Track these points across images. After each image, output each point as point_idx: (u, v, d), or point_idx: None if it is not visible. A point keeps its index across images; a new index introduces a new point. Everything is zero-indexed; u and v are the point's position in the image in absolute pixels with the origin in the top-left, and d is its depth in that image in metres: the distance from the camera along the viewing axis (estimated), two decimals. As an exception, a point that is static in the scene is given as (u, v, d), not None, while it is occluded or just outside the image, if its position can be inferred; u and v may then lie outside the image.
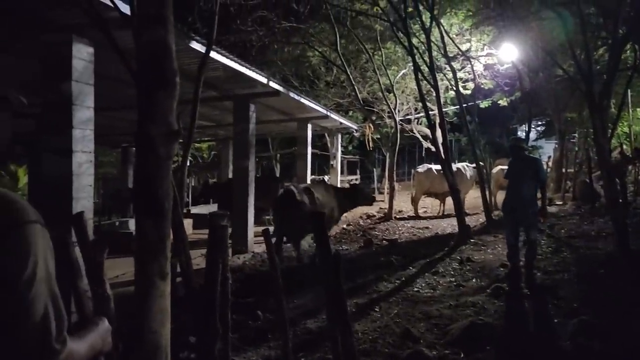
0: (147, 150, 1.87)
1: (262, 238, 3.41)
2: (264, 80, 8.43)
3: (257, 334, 4.93)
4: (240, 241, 9.12)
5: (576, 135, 19.14)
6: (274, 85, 8.88)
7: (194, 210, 14.50)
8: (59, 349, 1.01)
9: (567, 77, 11.02)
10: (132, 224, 10.64)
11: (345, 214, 13.39)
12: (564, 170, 16.31)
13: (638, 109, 15.71)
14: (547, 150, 26.36)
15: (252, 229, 9.34)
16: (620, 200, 7.76)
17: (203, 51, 5.24)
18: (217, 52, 6.82)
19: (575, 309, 5.10)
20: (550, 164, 19.05)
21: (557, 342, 4.34)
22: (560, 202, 14.05)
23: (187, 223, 10.77)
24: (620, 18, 7.54)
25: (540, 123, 24.55)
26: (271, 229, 6.08)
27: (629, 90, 11.35)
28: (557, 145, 19.17)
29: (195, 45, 6.14)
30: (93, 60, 5.28)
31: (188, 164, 6.04)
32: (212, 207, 14.76)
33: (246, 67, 7.75)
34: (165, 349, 1.93)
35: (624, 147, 15.08)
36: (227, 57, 7.15)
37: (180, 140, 2.25)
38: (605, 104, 7.75)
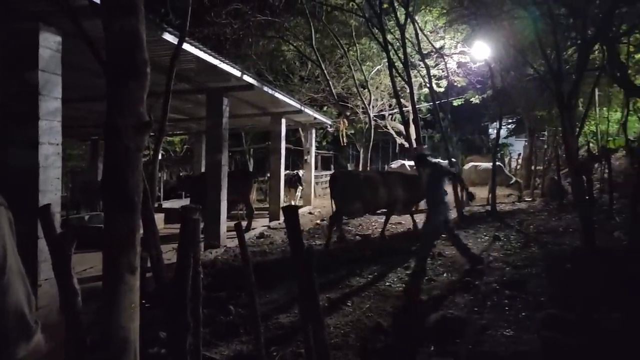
0: (116, 141, 1.83)
1: (235, 232, 3.39)
2: (237, 73, 8.34)
3: (228, 329, 4.90)
4: (213, 235, 9.04)
5: (545, 133, 19.56)
6: (247, 78, 8.80)
7: (166, 204, 14.32)
8: (35, 327, 1.05)
9: (537, 76, 11.24)
10: (101, 218, 10.43)
11: (319, 210, 13.46)
12: (533, 167, 16.67)
13: (604, 108, 16.13)
14: (517, 148, 26.86)
15: (224, 223, 9.26)
16: (587, 197, 7.96)
17: (175, 43, 5.15)
18: (190, 44, 6.71)
19: (542, 302, 5.22)
20: (520, 161, 19.42)
21: (525, 335, 4.43)
22: (530, 199, 14.37)
23: (159, 217, 10.64)
24: (588, 19, 7.72)
25: (510, 121, 24.99)
26: (244, 223, 6.04)
27: (596, 90, 11.64)
28: (526, 143, 19.57)
29: (167, 36, 6.03)
30: (61, 50, 5.14)
31: (160, 157, 5.95)
32: (185, 202, 14.59)
33: (220, 60, 7.65)
34: (134, 344, 1.90)
35: (591, 145, 15.48)
36: (201, 50, 7.04)
37: (152, 133, 2.21)
38: (574, 103, 7.94)
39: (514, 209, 12.49)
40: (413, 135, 10.79)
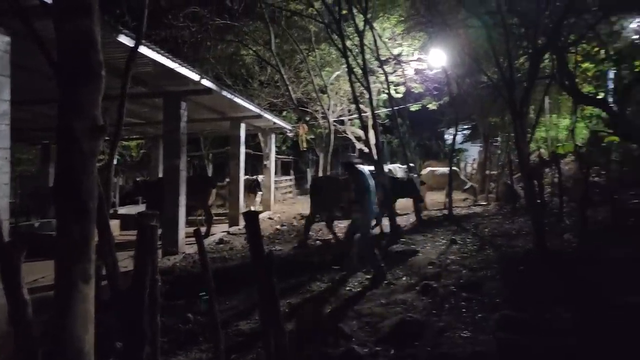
0: (69, 145, 1.77)
1: (193, 239, 3.33)
2: (195, 77, 8.24)
3: (187, 337, 4.81)
4: (171, 242, 8.88)
5: (499, 139, 20.14)
6: (206, 82, 8.70)
7: (122, 210, 13.95)
8: None
9: (491, 83, 11.57)
10: (53, 225, 10.07)
11: (278, 215, 13.42)
12: (487, 172, 17.12)
13: (554, 115, 16.75)
14: (472, 153, 27.54)
15: (183, 229, 9.11)
16: (538, 201, 8.24)
17: (132, 45, 5.03)
18: (147, 46, 6.60)
19: (497, 304, 5.36)
20: (475, 166, 19.90)
21: (481, 336, 4.53)
22: (485, 203, 14.75)
23: (114, 224, 10.35)
24: (539, 29, 8.01)
25: (466, 127, 25.62)
26: (202, 229, 5.96)
27: (546, 98, 12.09)
28: (481, 149, 20.10)
29: (123, 39, 5.90)
30: (9, 50, 4.94)
31: (115, 162, 5.79)
32: (141, 208, 14.26)
33: (177, 64, 7.54)
34: (88, 355, 1.83)
35: (542, 151, 16.05)
36: (158, 53, 6.93)
37: (107, 138, 2.16)
38: (525, 110, 8.21)
39: (469, 213, 12.80)
40: (372, 141, 10.90)
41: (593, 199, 9.89)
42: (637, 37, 10.91)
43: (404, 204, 14.60)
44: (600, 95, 14.31)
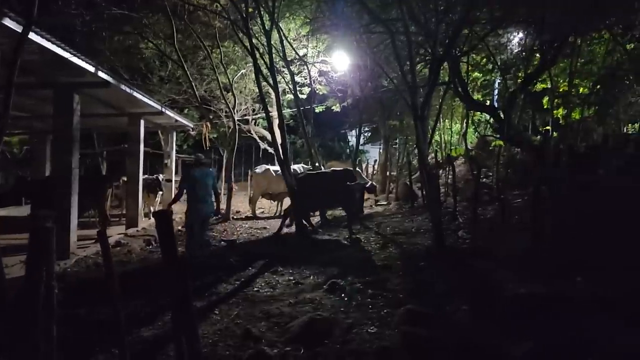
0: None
1: (87, 242, 3.07)
2: (91, 69, 7.69)
3: (83, 348, 4.46)
4: (61, 245, 8.19)
5: (397, 141, 21.05)
6: (103, 75, 8.15)
7: (1, 212, 12.69)
8: None
9: (391, 87, 12.05)
10: None
11: (180, 216, 12.96)
12: (388, 173, 17.81)
13: (447, 120, 17.85)
14: (374, 154, 28.53)
15: (75, 231, 8.47)
16: (435, 200, 8.71)
17: (19, 30, 4.58)
18: (37, 33, 6.04)
19: (401, 299, 5.56)
20: (376, 167, 20.63)
21: (387, 331, 4.68)
22: (385, 202, 15.32)
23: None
24: (438, 39, 8.46)
25: (367, 129, 26.48)
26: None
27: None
28: (382, 150, 20.87)
29: (9, 22, 5.35)
30: None
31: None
32: (24, 209, 13.08)
33: (71, 53, 6.98)
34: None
35: (437, 153, 17.01)
36: (48, 40, 6.37)
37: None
38: (426, 114, 8.63)
39: (371, 212, 13.22)
40: (279, 140, 10.87)
41: (483, 199, 10.65)
42: (520, 49, 11.93)
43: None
44: (488, 103, 15.49)
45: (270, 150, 16.88)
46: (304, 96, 16.60)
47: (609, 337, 3.90)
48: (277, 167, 13.17)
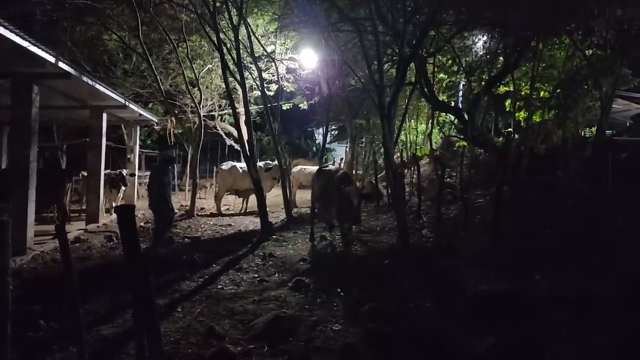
0: None
1: (44, 237, 2.97)
2: (51, 59, 7.43)
3: (39, 347, 4.31)
4: (17, 240, 7.89)
5: (364, 140, 21.18)
6: (64, 66, 7.89)
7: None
8: None
9: (359, 86, 12.10)
10: None
11: (142, 212, 12.71)
12: (354, 171, 17.91)
13: (412, 121, 18.07)
14: (340, 153, 28.64)
15: (32, 226, 8.18)
16: (400, 199, 8.82)
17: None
18: (-8, 20, 5.81)
19: (366, 296, 5.60)
20: (342, 165, 20.70)
21: (352, 328, 4.70)
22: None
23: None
24: (405, 40, 8.56)
25: (334, 127, 26.56)
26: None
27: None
28: (348, 149, 20.97)
29: (-37, 8, 5.12)
30: None
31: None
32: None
33: (30, 42, 6.73)
34: None
35: (403, 153, 17.24)
36: (7, 28, 6.13)
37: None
38: (393, 113, 8.72)
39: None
40: (245, 137, 10.78)
41: (446, 198, 10.84)
42: (485, 52, 12.19)
43: (273, 200, 14.74)
44: (453, 104, 15.77)
45: (237, 146, 16.74)
46: (272, 93, 16.51)
47: (565, 334, 4.03)
48: (243, 164, 13.07)
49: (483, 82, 11.83)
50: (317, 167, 14.13)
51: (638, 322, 4.05)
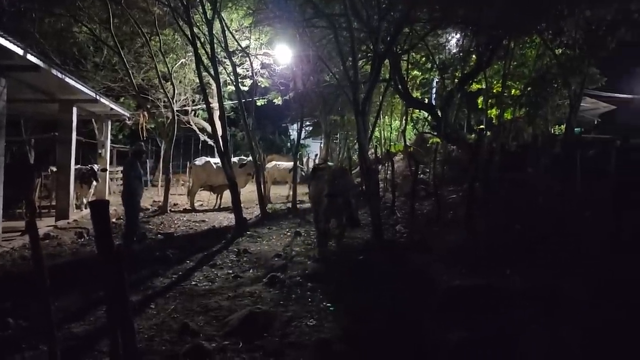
0: None
1: (11, 234, 2.90)
2: (19, 51, 7.24)
3: (7, 345, 4.22)
4: (-16, 238, 7.72)
5: (338, 136, 21.27)
6: (32, 58, 7.70)
7: None
8: None
9: (333, 82, 12.13)
10: None
11: (114, 207, 12.50)
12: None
13: (386, 117, 18.21)
14: (314, 149, 28.65)
15: (0, 223, 7.99)
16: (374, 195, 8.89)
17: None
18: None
19: (340, 292, 5.64)
20: (317, 161, 20.74)
21: (327, 323, 4.74)
22: (325, 196, 15.41)
23: None
24: (380, 37, 8.61)
25: (309, 123, 26.55)
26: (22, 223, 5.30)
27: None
28: (322, 145, 21.02)
29: None
30: None
31: None
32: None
33: (-4, 34, 6.55)
34: None
35: (377, 149, 17.36)
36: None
37: None
38: (367, 110, 8.78)
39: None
40: (219, 132, 10.70)
41: (420, 194, 10.97)
42: (458, 50, 12.36)
43: (247, 196, 14.67)
44: (427, 101, 15.95)
45: (210, 142, 16.57)
46: (246, 88, 16.38)
47: (534, 328, 4.13)
48: (217, 160, 12.96)
49: (456, 80, 11.99)
50: (291, 163, 14.15)
51: (605, 315, 4.18)
